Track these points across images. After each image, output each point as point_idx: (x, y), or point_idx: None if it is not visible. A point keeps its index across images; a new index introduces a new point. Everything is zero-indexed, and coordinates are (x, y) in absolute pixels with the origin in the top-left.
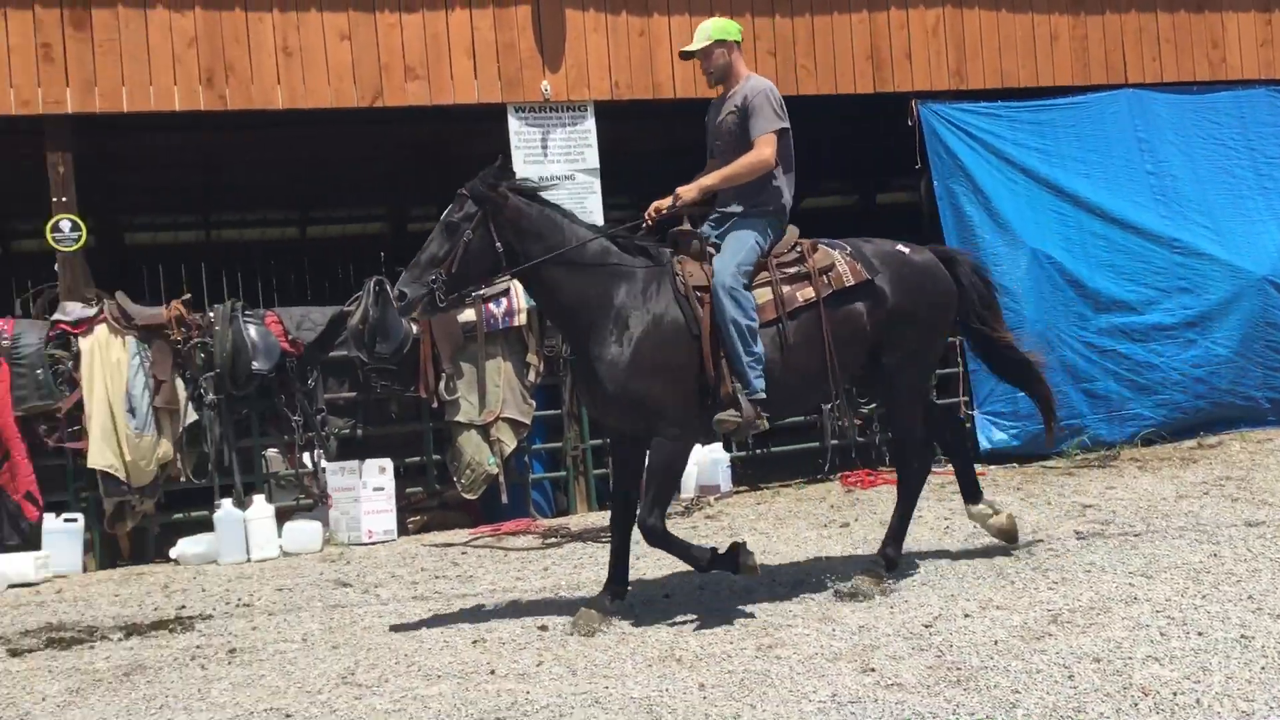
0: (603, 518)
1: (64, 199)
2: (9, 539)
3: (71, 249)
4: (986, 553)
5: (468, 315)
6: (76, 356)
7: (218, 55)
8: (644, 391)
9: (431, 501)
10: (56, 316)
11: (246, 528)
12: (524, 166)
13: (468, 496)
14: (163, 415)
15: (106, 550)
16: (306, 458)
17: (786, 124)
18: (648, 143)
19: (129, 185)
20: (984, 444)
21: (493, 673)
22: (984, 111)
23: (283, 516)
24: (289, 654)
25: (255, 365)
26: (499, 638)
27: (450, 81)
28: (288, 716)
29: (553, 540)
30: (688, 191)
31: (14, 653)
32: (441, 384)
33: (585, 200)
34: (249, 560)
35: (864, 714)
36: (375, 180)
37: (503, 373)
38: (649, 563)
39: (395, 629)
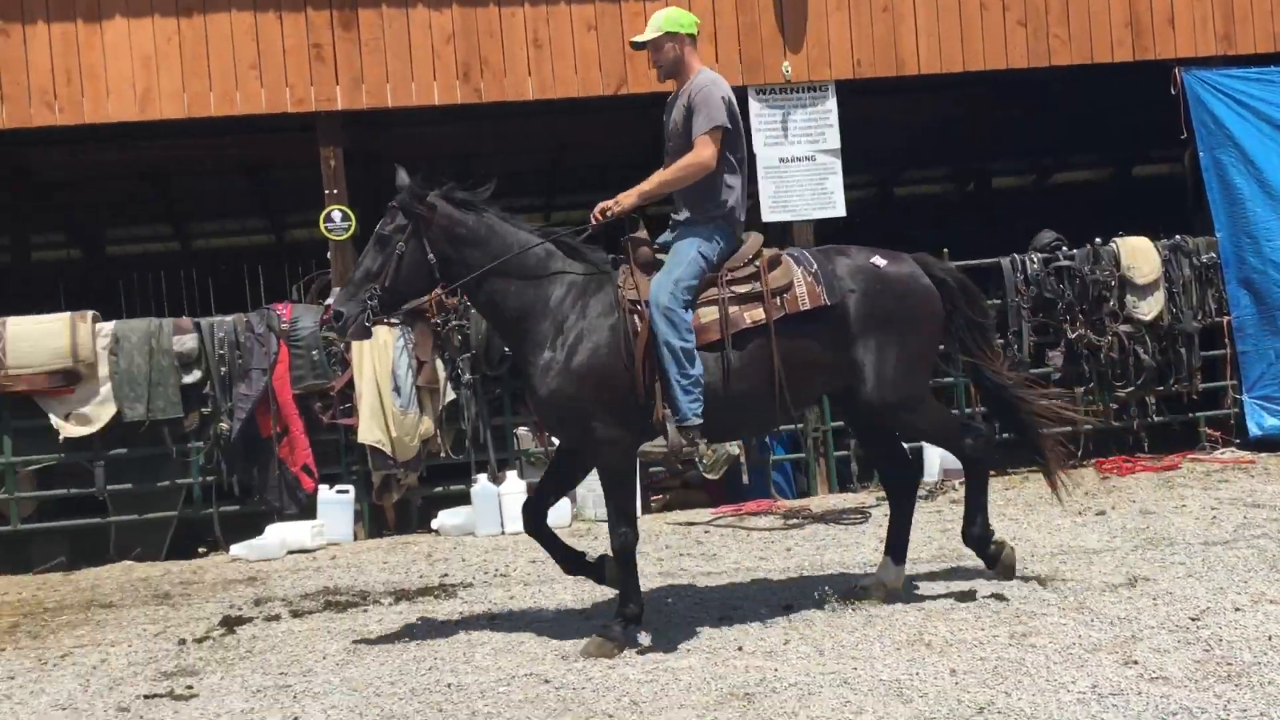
0: (844, 499)
1: (335, 191)
2: (288, 508)
3: (342, 238)
4: (1258, 545)
5: None
6: None
7: (473, 50)
8: (575, 396)
9: (673, 481)
10: (329, 301)
11: (501, 502)
12: (764, 149)
13: (709, 477)
14: (424, 394)
15: (374, 520)
16: None
17: (726, 123)
18: (892, 119)
19: (388, 176)
20: (1254, 430)
21: (740, 649)
22: (1255, 77)
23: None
24: (545, 622)
25: (507, 348)
26: (745, 615)
27: None
28: (546, 682)
29: (794, 522)
30: (626, 198)
31: (295, 614)
32: None
33: (826, 181)
34: (503, 533)
35: (1127, 707)
36: (615, 166)
37: None
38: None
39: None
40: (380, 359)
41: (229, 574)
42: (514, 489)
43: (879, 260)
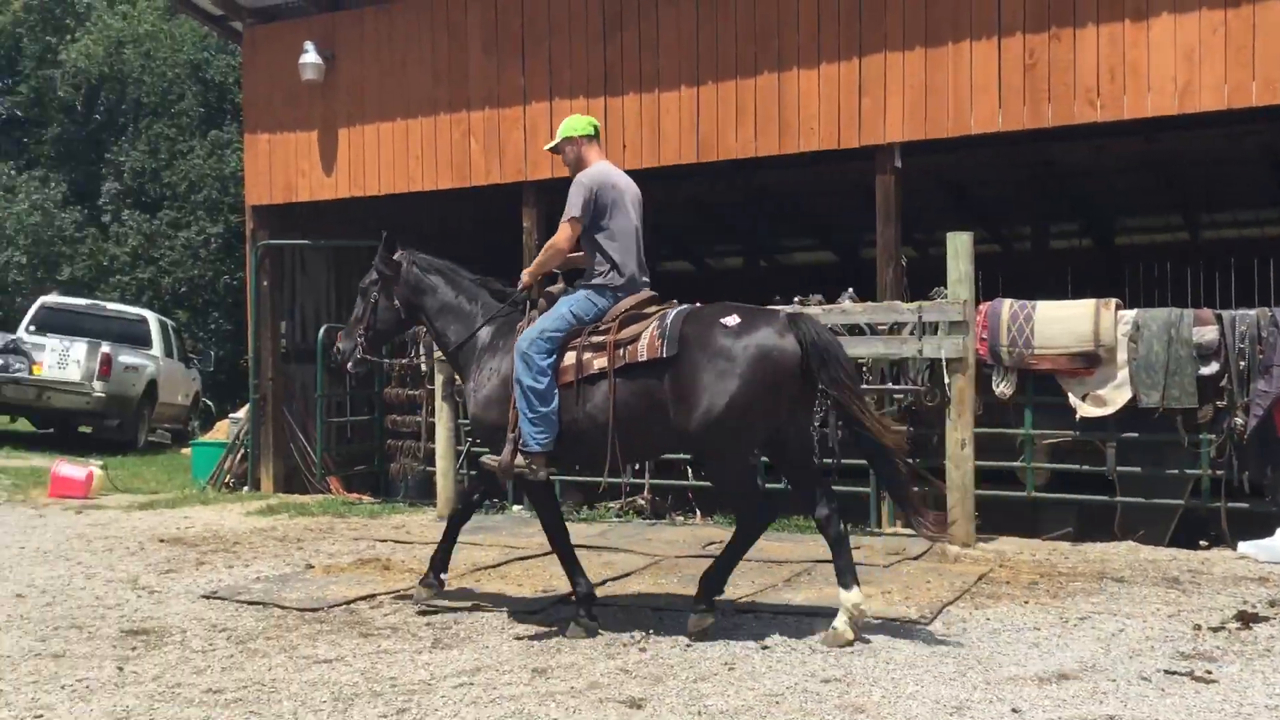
0: None
1: None
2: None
3: None
4: None
5: None
6: None
7: None
8: (486, 419)
9: None
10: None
11: None
12: None
13: None
14: None
15: None
16: None
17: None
18: None
19: None
20: None
21: None
22: None
23: None
24: None
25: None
26: None
27: None
28: None
29: None
30: (526, 272)
31: None
32: None
33: None
34: None
35: None
36: None
37: None
38: None
39: None
40: None
41: (1238, 570)
42: None
43: (729, 320)
